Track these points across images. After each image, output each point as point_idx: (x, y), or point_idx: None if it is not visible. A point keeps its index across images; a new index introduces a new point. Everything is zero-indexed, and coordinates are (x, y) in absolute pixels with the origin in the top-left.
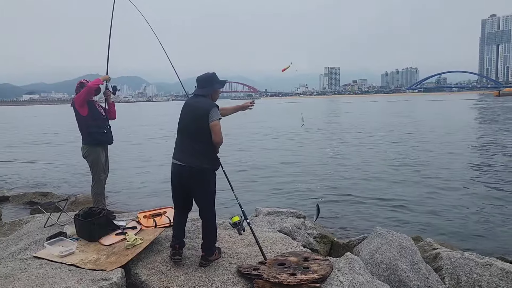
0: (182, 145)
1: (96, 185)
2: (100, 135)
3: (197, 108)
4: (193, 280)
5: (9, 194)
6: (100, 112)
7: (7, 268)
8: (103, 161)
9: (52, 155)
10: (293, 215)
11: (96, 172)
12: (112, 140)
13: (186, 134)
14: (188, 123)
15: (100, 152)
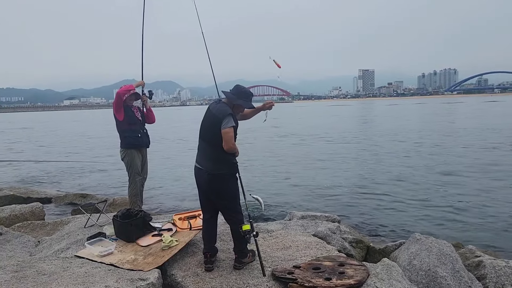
0: (202, 150)
1: (132, 187)
2: (134, 139)
3: (214, 114)
4: (227, 283)
5: (52, 195)
6: (137, 116)
7: (50, 266)
8: (138, 163)
9: (93, 157)
10: (328, 219)
11: (132, 174)
12: (148, 143)
13: (204, 139)
14: (207, 128)
15: (136, 155)
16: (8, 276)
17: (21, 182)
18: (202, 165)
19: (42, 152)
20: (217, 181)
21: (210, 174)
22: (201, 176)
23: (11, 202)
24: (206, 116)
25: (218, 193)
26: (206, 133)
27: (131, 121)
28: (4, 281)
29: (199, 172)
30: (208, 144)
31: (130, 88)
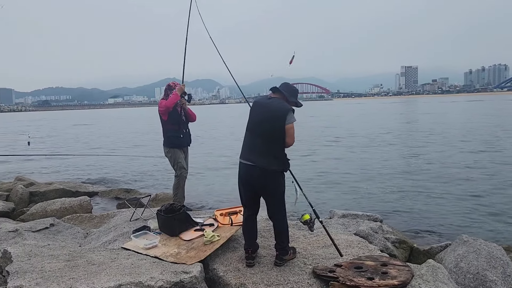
0: (253, 146)
1: (177, 181)
2: (176, 139)
3: (274, 109)
4: (268, 279)
5: (98, 190)
6: (181, 116)
7: (99, 257)
8: (183, 159)
9: (137, 154)
10: (369, 218)
11: (178, 169)
12: (189, 143)
13: (259, 134)
14: (263, 123)
15: (179, 152)
16: (61, 265)
17: (70, 176)
18: (254, 161)
19: (92, 147)
20: (270, 178)
21: (263, 170)
22: (250, 173)
23: (61, 195)
24: (259, 111)
25: (269, 189)
26: (263, 129)
27: (175, 121)
28: (57, 269)
29: (249, 169)
30: (264, 140)
31: (176, 100)
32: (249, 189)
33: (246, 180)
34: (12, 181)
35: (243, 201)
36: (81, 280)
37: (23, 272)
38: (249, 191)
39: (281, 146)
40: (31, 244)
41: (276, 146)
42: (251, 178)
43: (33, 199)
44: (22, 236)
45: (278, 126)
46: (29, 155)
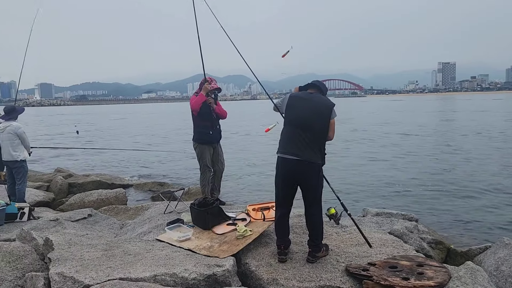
0: (298, 139)
1: (201, 178)
2: (205, 135)
3: (320, 104)
4: (300, 275)
5: (132, 182)
6: (211, 112)
7: (135, 247)
8: (208, 157)
9: (171, 148)
10: (404, 218)
11: (202, 166)
12: (218, 139)
13: (304, 128)
14: (310, 117)
15: (206, 149)
16: (99, 254)
17: (106, 169)
18: (299, 155)
19: (128, 140)
20: (315, 172)
21: (310, 164)
22: (294, 167)
23: (98, 187)
24: (303, 105)
25: (312, 184)
26: (309, 122)
27: (205, 117)
28: (95, 258)
29: (293, 163)
30: (311, 134)
31: (201, 100)
32: (290, 185)
33: (288, 175)
34: (53, 172)
35: (280, 197)
36: (118, 269)
37: (63, 259)
38: (289, 187)
39: (325, 140)
40: (71, 233)
41: (321, 140)
42: (295, 172)
43: (71, 190)
44: (62, 225)
45: (324, 120)
46: (68, 148)
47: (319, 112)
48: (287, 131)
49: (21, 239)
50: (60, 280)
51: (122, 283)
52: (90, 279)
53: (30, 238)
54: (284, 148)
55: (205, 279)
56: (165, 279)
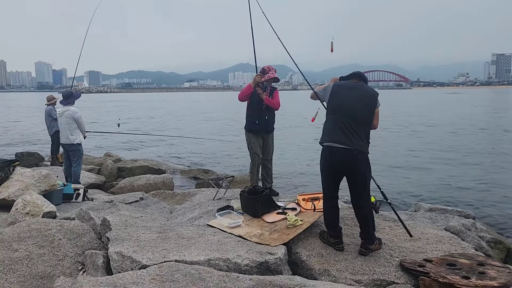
0: (346, 128)
1: (251, 165)
2: (252, 124)
3: (367, 93)
4: (353, 267)
5: (178, 168)
6: (260, 102)
7: (188, 232)
8: (257, 145)
9: (216, 136)
10: (460, 214)
11: (251, 153)
12: (267, 130)
13: (352, 117)
14: (356, 106)
15: (254, 138)
16: (154, 236)
17: (152, 155)
18: (345, 143)
19: (173, 128)
20: (364, 160)
21: (359, 153)
22: (343, 156)
23: (145, 172)
24: (350, 94)
25: (362, 173)
26: (357, 111)
27: (254, 106)
28: (151, 240)
29: (341, 152)
30: (359, 122)
31: (248, 91)
32: (338, 174)
33: (336, 164)
34: (102, 156)
35: (329, 188)
36: (173, 252)
37: (121, 239)
38: (337, 177)
39: (369, 129)
40: (126, 215)
41: (368, 129)
42: (343, 161)
43: (120, 174)
44: (116, 207)
45: (370, 109)
46: (118, 133)
47: (365, 100)
48: (334, 119)
49: (80, 218)
50: (119, 259)
51: (179, 265)
52: (147, 260)
53: (88, 217)
54: (330, 137)
55: (257, 266)
56: (218, 264)
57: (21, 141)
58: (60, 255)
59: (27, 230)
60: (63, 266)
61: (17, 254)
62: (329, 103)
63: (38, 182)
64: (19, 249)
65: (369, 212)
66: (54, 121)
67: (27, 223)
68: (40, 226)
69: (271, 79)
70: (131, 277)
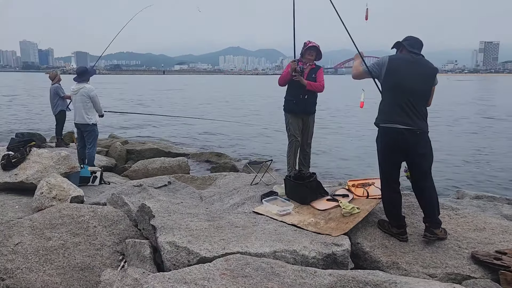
0: (407, 106)
1: (288, 148)
2: (290, 104)
3: (427, 67)
4: (423, 260)
5: (189, 152)
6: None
7: (239, 220)
8: (296, 127)
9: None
10: (509, 202)
11: (288, 136)
12: (307, 111)
13: (413, 94)
14: (417, 82)
15: (293, 119)
16: (206, 224)
17: (157, 136)
18: (407, 123)
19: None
20: (425, 140)
21: (422, 133)
22: (408, 138)
23: (155, 155)
24: (410, 69)
25: (426, 154)
26: (419, 88)
27: (292, 85)
28: (204, 228)
29: (408, 134)
30: (420, 101)
31: (286, 78)
32: (401, 158)
33: (399, 146)
34: (107, 138)
35: (390, 172)
36: (233, 243)
37: (169, 228)
38: (399, 160)
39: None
40: (165, 201)
41: (426, 107)
42: (407, 143)
43: (129, 157)
44: (147, 191)
45: (429, 86)
46: (136, 113)
47: (424, 77)
48: (392, 97)
49: (112, 203)
50: (173, 250)
51: (247, 258)
52: (206, 251)
53: (122, 203)
54: (390, 117)
55: (324, 259)
56: (285, 256)
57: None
58: (97, 244)
59: (58, 217)
60: (102, 256)
61: (51, 243)
62: (385, 80)
63: (58, 164)
64: (52, 237)
65: (434, 192)
66: (61, 100)
67: (57, 208)
68: (72, 212)
69: (307, 48)
70: (200, 272)
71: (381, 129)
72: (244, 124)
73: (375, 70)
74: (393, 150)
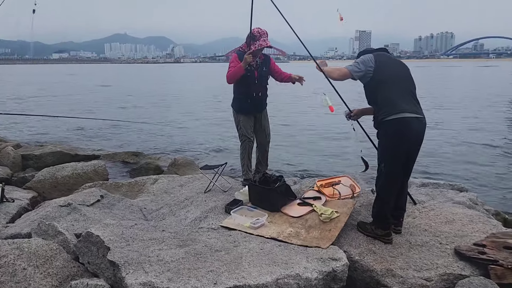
0: (411, 94)
1: (241, 149)
2: (243, 102)
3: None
4: (414, 263)
5: (100, 153)
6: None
7: (215, 240)
8: (248, 127)
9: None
10: (453, 188)
11: (240, 135)
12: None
13: (410, 82)
14: (406, 71)
15: (244, 118)
16: (180, 252)
17: (56, 138)
18: (417, 112)
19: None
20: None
21: (425, 122)
22: (420, 127)
23: (60, 159)
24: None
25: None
26: (410, 76)
27: (243, 83)
28: (180, 258)
29: (419, 123)
30: (414, 88)
31: (239, 73)
32: (415, 150)
33: (413, 137)
34: None
35: (400, 169)
36: (224, 274)
37: (136, 263)
38: (407, 154)
39: None
40: (114, 224)
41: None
42: (418, 133)
43: (26, 164)
44: (79, 211)
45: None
46: None
47: (405, 66)
48: (393, 88)
49: (40, 234)
50: None
51: None
52: None
53: (54, 232)
54: (399, 107)
55: (324, 278)
56: (288, 283)
57: None
58: None
59: None
60: None
61: None
62: (378, 74)
63: None
64: None
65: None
66: None
67: None
68: None
69: (262, 48)
70: None
71: (390, 123)
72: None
73: (361, 68)
74: (404, 143)
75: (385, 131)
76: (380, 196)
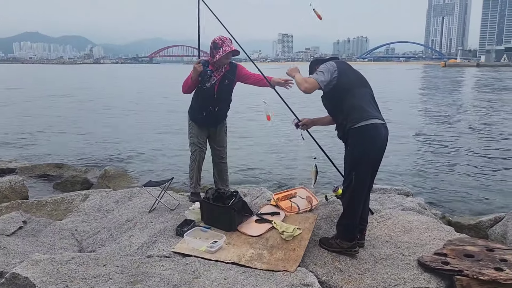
0: (374, 100)
1: (190, 159)
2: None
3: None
4: (382, 279)
5: (14, 165)
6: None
7: (171, 272)
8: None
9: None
10: (399, 193)
11: (189, 144)
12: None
13: (369, 88)
14: (364, 79)
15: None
16: None
17: None
18: (382, 118)
19: None
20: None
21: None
22: (386, 133)
23: None
24: (351, 69)
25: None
26: (368, 83)
27: (201, 94)
28: None
29: (382, 129)
30: (373, 95)
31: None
32: (381, 156)
33: (383, 144)
34: None
35: (369, 178)
36: None
37: None
38: (380, 159)
39: None
40: (46, 260)
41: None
42: (385, 140)
43: None
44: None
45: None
46: None
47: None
48: (357, 94)
49: None
50: None
51: None
52: None
53: None
54: (368, 113)
55: None
56: None
57: None
58: None
59: None
60: None
61: None
62: (341, 82)
63: None
64: None
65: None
66: None
67: None
68: None
69: (228, 53)
70: None
71: (359, 129)
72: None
73: (327, 77)
74: (375, 150)
75: (355, 138)
76: (350, 206)
